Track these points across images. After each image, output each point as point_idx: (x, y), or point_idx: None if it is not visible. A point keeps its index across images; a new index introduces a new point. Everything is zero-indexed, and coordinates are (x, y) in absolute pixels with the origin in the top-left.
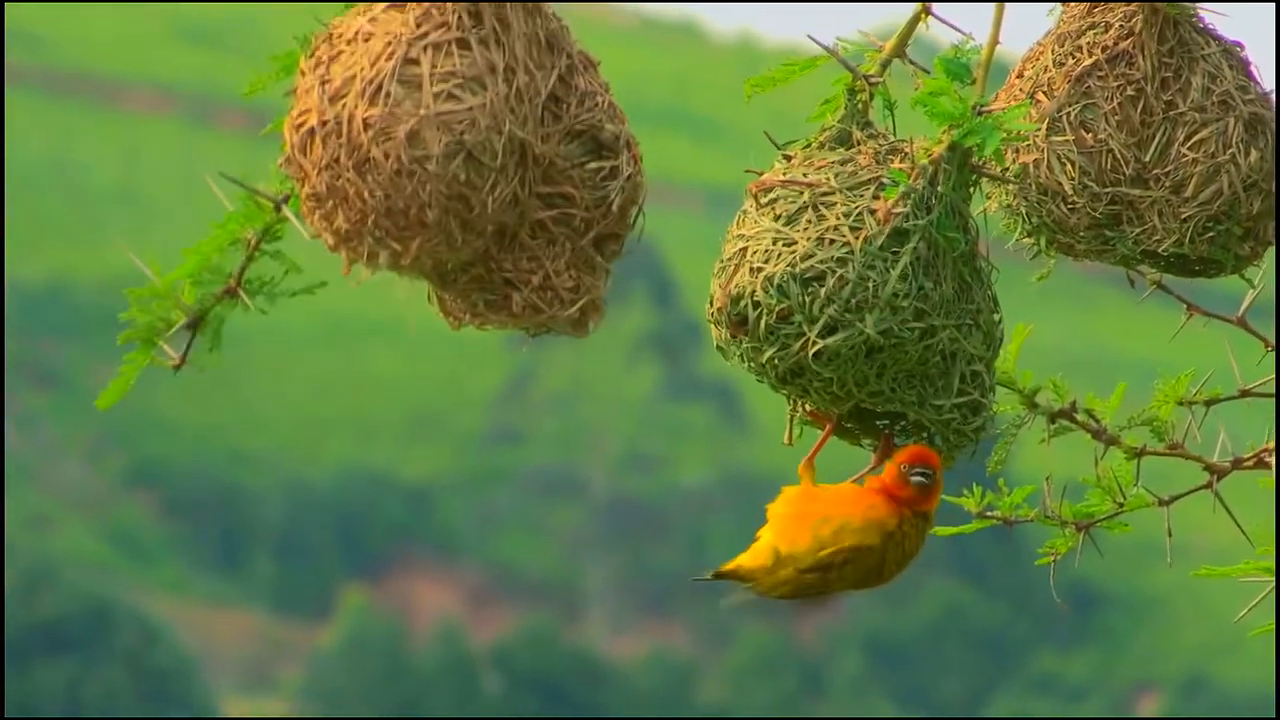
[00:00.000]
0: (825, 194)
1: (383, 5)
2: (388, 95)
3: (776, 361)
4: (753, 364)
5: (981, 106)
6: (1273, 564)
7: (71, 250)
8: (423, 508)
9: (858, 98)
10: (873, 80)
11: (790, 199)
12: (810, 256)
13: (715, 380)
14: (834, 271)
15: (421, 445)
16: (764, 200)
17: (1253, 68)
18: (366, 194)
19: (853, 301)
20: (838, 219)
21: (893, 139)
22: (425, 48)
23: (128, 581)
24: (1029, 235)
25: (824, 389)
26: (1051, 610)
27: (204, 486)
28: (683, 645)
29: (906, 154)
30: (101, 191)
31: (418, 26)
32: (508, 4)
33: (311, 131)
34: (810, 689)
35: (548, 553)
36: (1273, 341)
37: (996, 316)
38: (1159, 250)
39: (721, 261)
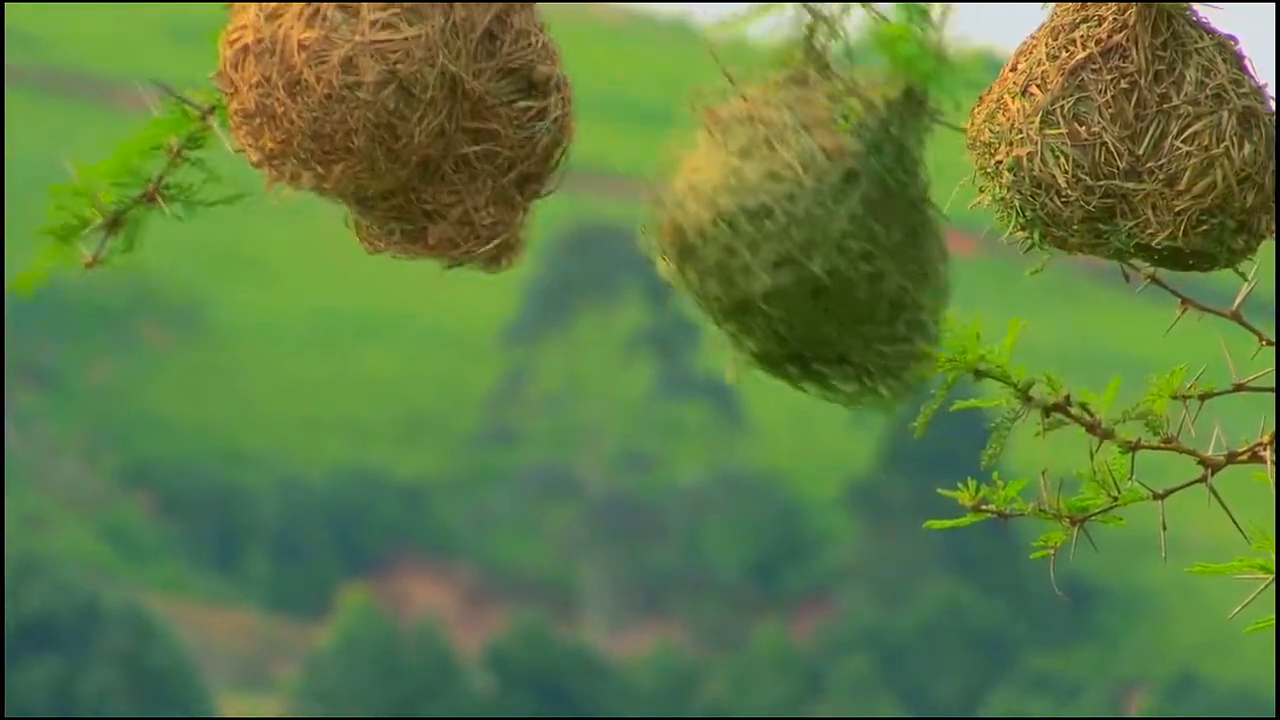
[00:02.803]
0: (778, 129)
1: None
2: (325, 19)
3: (721, 296)
4: (698, 298)
5: (940, 52)
6: (1268, 560)
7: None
8: (418, 507)
9: (817, 38)
10: (833, 22)
11: (743, 132)
12: (759, 190)
13: (711, 379)
14: (782, 207)
15: (417, 445)
16: (717, 132)
17: (1247, 61)
18: (295, 115)
19: (800, 238)
20: (789, 155)
21: (849, 81)
22: None
23: (124, 580)
24: (1022, 229)
25: (767, 327)
26: (1047, 607)
27: (200, 486)
28: (680, 644)
29: (862, 95)
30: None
31: None
32: None
33: (246, 48)
34: (809, 689)
35: (543, 552)
36: (1267, 336)
37: (943, 266)
38: (1152, 244)
39: (670, 192)
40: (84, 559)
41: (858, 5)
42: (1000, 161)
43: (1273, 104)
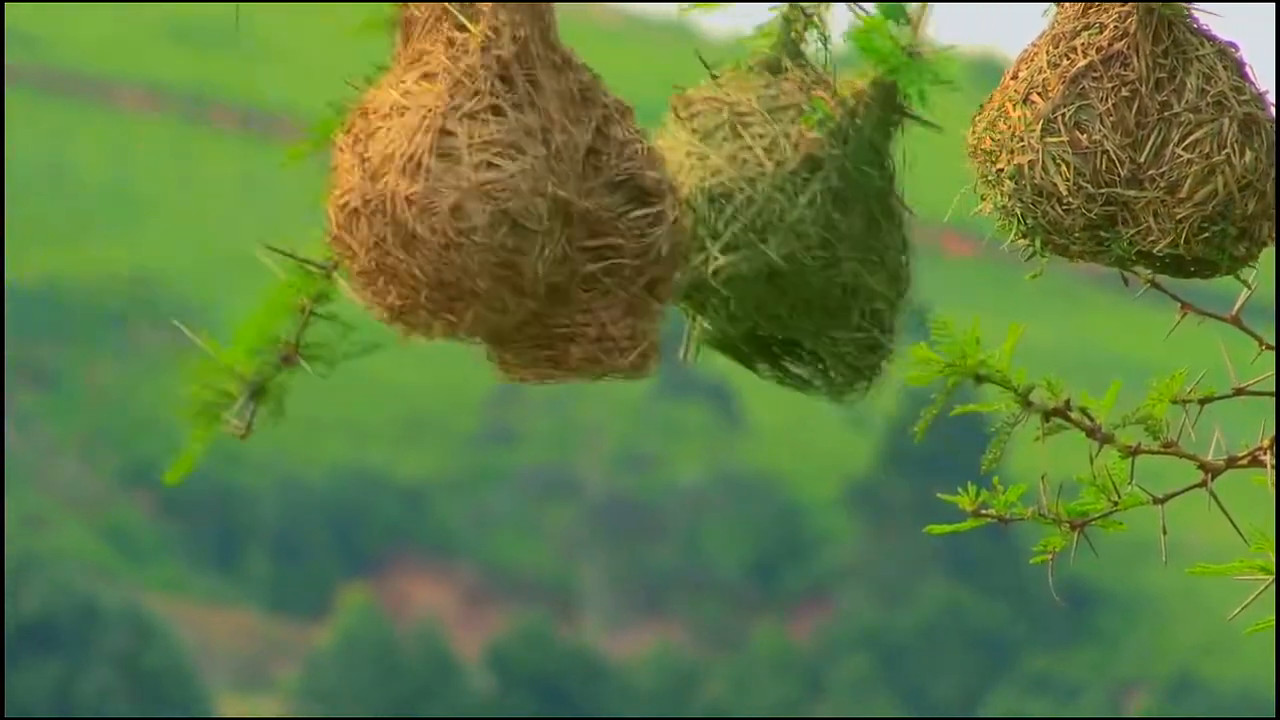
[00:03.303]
0: (744, 114)
1: (414, 76)
2: (427, 170)
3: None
4: None
5: (913, 49)
6: (1267, 562)
7: (65, 250)
8: (418, 507)
9: (793, 27)
10: (808, 12)
11: (710, 115)
12: (720, 173)
13: (710, 379)
14: (743, 190)
15: (417, 445)
16: (684, 113)
17: (1247, 68)
18: (416, 270)
19: (758, 222)
20: (753, 139)
21: (821, 72)
22: (460, 118)
23: (123, 581)
24: (1024, 236)
25: (722, 307)
26: (1047, 609)
27: (200, 486)
28: (680, 644)
29: (831, 86)
30: (95, 191)
31: (451, 97)
32: (538, 66)
33: (355, 211)
34: (809, 689)
35: (543, 552)
36: (1267, 340)
37: (904, 258)
38: (1154, 251)
39: None
40: (83, 559)
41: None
42: (1002, 169)
43: (1273, 111)
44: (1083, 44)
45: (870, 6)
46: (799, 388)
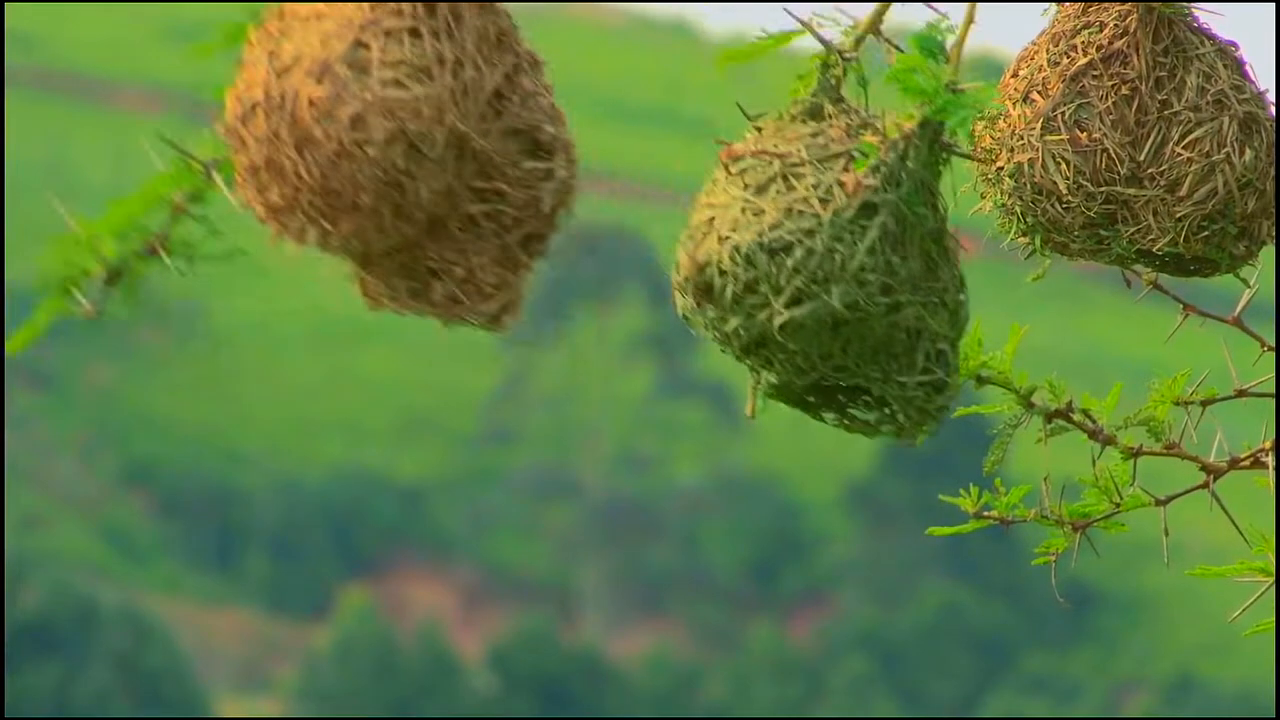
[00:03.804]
0: (795, 165)
1: None
2: (335, 76)
3: (741, 332)
4: (717, 333)
5: (954, 84)
6: (1268, 564)
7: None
8: (417, 508)
9: (831, 72)
10: (846, 55)
11: (760, 169)
12: (778, 226)
13: (709, 379)
14: (801, 242)
15: (416, 445)
16: (734, 169)
17: (1247, 67)
18: (304, 171)
19: (819, 273)
20: (807, 190)
21: (865, 114)
22: (377, 33)
23: (122, 581)
24: (1024, 235)
25: (788, 361)
26: (1046, 610)
27: (198, 486)
28: (679, 645)
29: (878, 128)
30: (94, 191)
31: (371, 11)
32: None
33: (255, 105)
34: (808, 689)
35: (542, 553)
36: (1269, 341)
37: (962, 297)
38: (1154, 249)
39: (689, 229)
40: (82, 560)
41: (871, 37)
42: (1001, 168)
43: (1273, 110)
44: (1083, 42)
45: (901, 39)
46: (866, 433)
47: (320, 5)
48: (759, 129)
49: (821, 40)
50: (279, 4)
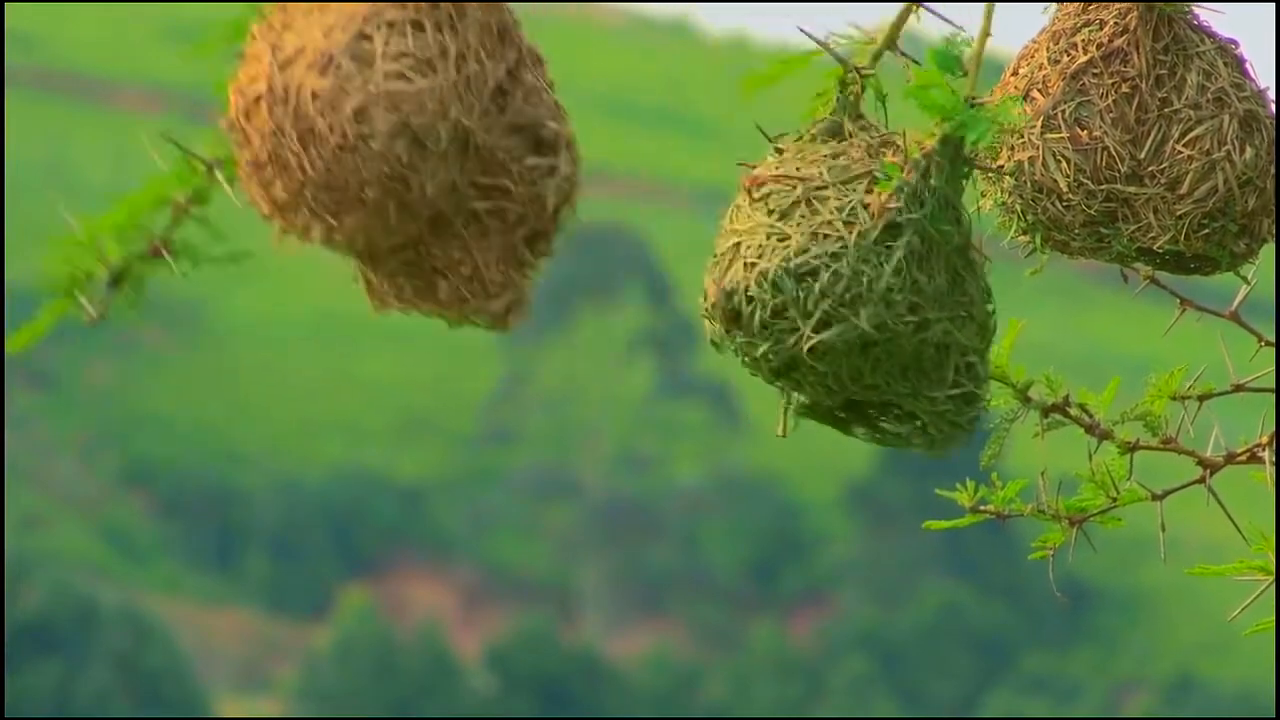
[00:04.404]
0: (818, 188)
1: None
2: (338, 68)
3: (771, 356)
4: (747, 358)
5: (973, 99)
6: (1267, 562)
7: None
8: (417, 508)
9: (849, 90)
10: (864, 72)
11: (783, 193)
12: (804, 251)
13: (709, 379)
14: (828, 266)
15: (415, 445)
16: (757, 195)
17: (1248, 65)
18: (307, 165)
19: (847, 296)
20: (831, 213)
21: (884, 132)
22: (380, 25)
23: (122, 581)
24: (1024, 233)
25: (818, 382)
26: (1045, 609)
27: (198, 486)
28: (679, 645)
29: (899, 147)
30: (93, 191)
31: (374, 3)
32: None
33: (258, 98)
34: (808, 689)
35: (542, 553)
36: (1266, 336)
37: (990, 308)
38: (1154, 247)
39: (715, 256)
40: (82, 559)
41: (888, 54)
42: (1001, 165)
43: (1274, 108)
44: (1083, 40)
45: (917, 52)
46: (898, 445)
47: None
48: (779, 150)
49: (839, 59)
50: (281, 0)
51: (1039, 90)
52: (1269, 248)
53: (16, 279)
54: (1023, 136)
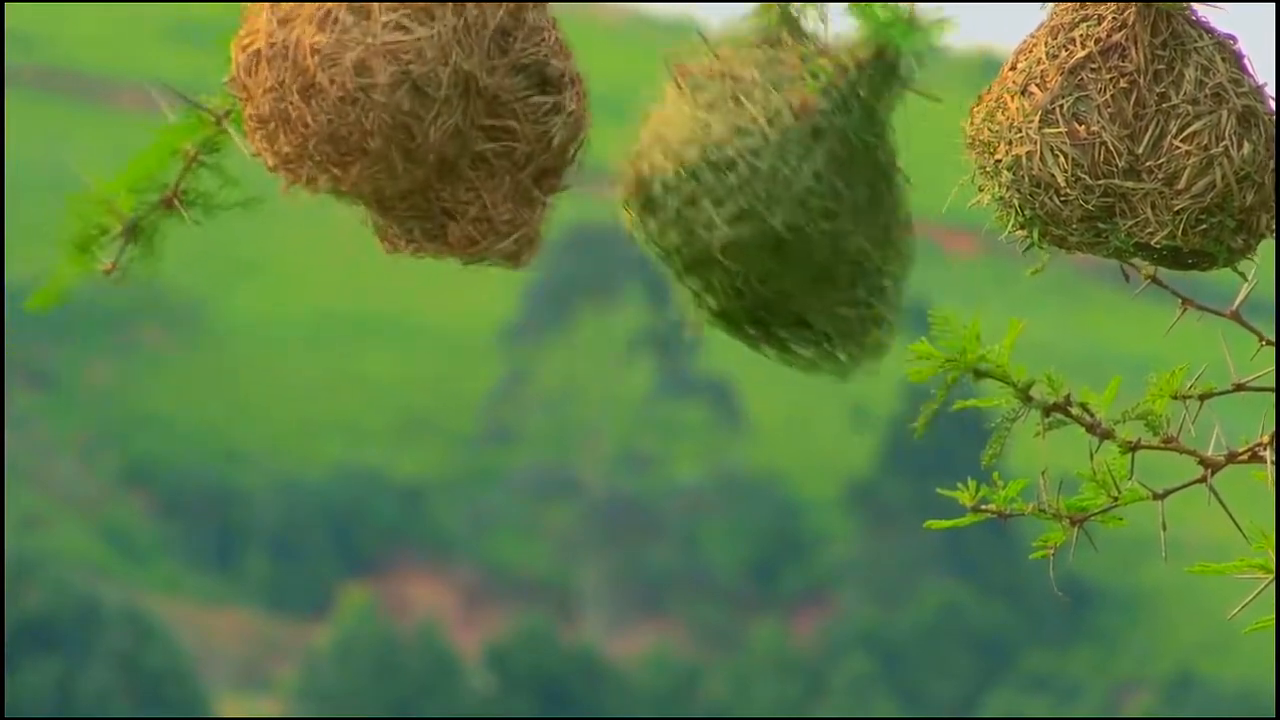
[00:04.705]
0: (747, 85)
1: None
2: (336, 22)
3: (683, 248)
4: (659, 250)
5: (911, 17)
6: (1267, 560)
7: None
8: (417, 508)
9: (790, 6)
10: None
11: (711, 87)
12: (724, 143)
13: (710, 378)
14: (747, 160)
15: (416, 445)
16: (685, 86)
17: (1246, 61)
18: (310, 118)
19: (763, 192)
20: (756, 110)
21: (821, 44)
22: None
23: (122, 581)
24: (1022, 228)
25: (728, 282)
26: (1046, 608)
27: (198, 486)
28: (679, 644)
29: (832, 56)
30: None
31: None
32: None
33: (258, 53)
34: (809, 689)
35: (542, 552)
36: (1267, 336)
37: (907, 235)
38: (1152, 243)
39: (636, 144)
40: (82, 559)
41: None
42: (999, 160)
43: (1272, 103)
44: (1081, 35)
45: None
46: (805, 369)
47: None
48: (717, 55)
49: None
50: None
51: (1037, 85)
52: (1268, 245)
53: (17, 279)
54: (1021, 131)
